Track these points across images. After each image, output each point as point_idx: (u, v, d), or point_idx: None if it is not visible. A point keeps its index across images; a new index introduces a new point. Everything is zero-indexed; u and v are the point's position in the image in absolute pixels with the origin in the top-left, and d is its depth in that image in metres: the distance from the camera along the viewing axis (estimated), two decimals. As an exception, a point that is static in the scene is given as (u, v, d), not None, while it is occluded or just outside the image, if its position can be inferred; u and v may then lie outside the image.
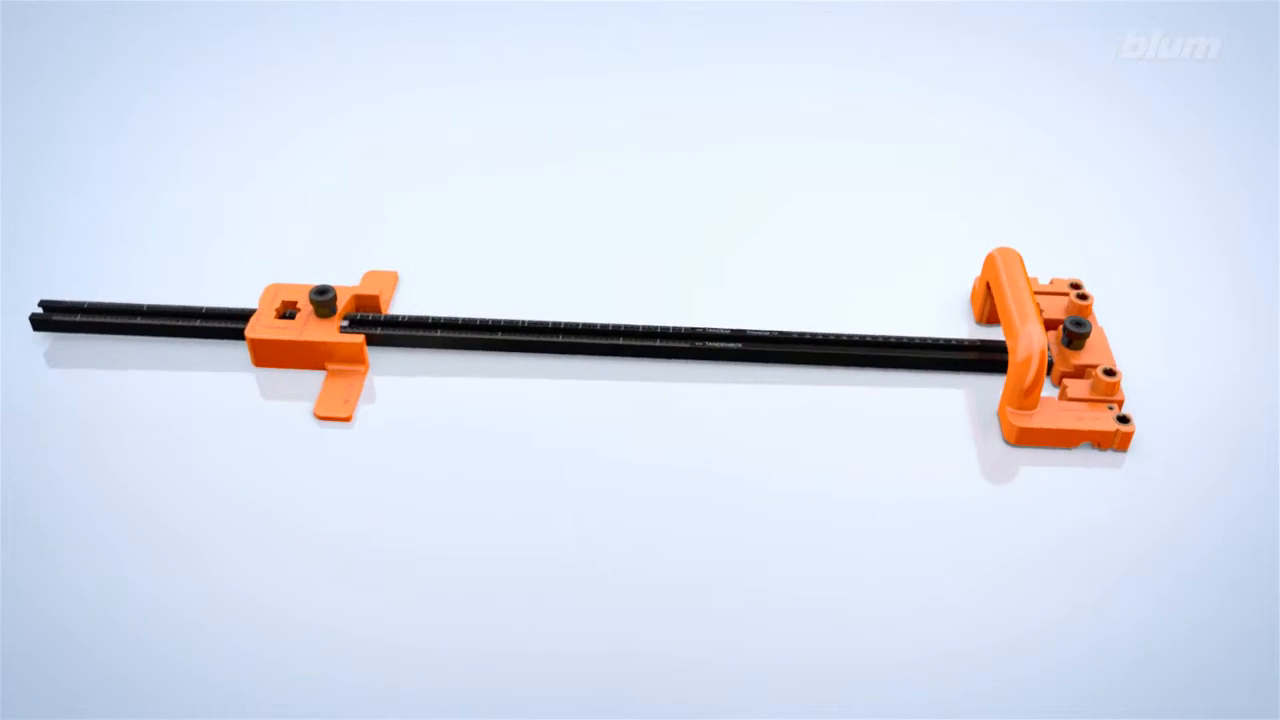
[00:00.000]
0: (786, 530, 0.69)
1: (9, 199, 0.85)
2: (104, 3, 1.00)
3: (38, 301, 0.77)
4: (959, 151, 0.92)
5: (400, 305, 0.79)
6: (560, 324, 0.77)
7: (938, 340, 0.78)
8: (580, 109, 0.94)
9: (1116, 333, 0.78)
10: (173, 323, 0.77)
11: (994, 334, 0.81)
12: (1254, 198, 0.88)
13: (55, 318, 0.77)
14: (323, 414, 0.73)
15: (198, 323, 0.77)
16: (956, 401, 0.76)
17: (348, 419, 0.73)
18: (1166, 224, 0.86)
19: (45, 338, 0.77)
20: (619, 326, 0.78)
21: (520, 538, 0.68)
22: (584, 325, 0.77)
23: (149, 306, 0.77)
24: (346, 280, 0.80)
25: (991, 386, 0.77)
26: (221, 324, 0.77)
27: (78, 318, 0.77)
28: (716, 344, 0.77)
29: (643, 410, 0.74)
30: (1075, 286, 0.81)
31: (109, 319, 0.77)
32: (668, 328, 0.78)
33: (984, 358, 0.77)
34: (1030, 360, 0.72)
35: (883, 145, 0.92)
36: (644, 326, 0.78)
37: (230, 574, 0.66)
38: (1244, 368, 0.78)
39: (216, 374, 0.75)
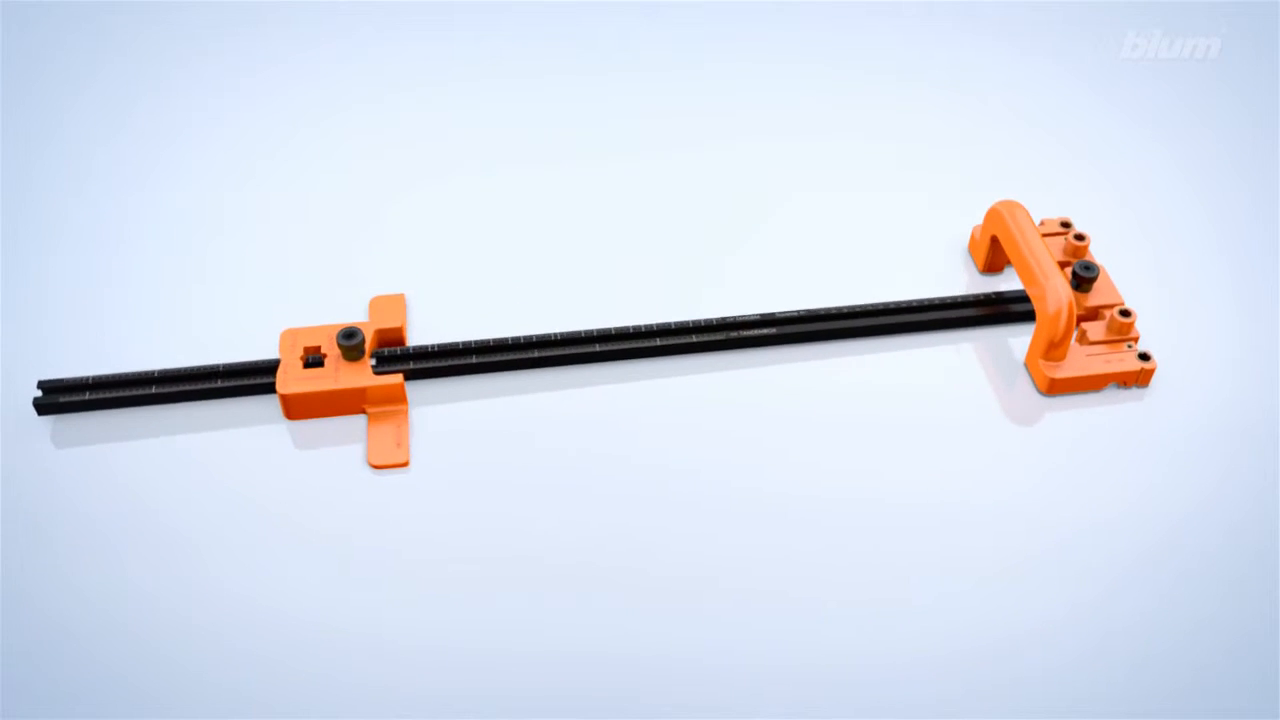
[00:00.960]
0: (843, 516, 0.70)
1: (9, 200, 0.85)
2: (104, 3, 1.00)
3: (36, 383, 0.73)
4: (959, 151, 0.92)
5: (416, 329, 0.78)
6: (593, 333, 0.77)
7: (960, 298, 0.80)
8: (580, 109, 0.94)
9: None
10: (190, 387, 0.73)
11: (996, 284, 0.82)
12: (1254, 198, 0.88)
13: (62, 399, 0.72)
14: (378, 463, 0.71)
15: (218, 383, 0.73)
16: (970, 356, 0.78)
17: (405, 464, 0.71)
18: (1166, 224, 0.86)
19: (49, 419, 0.73)
20: (651, 327, 0.77)
21: (559, 543, 0.68)
22: (617, 330, 0.77)
23: (160, 373, 0.73)
24: (350, 291, 0.80)
25: (997, 337, 0.79)
26: (243, 381, 0.73)
27: (85, 395, 0.72)
28: (750, 332, 0.77)
29: (678, 408, 0.75)
30: (1066, 225, 0.82)
31: (120, 393, 0.72)
32: (700, 321, 0.78)
33: (1002, 310, 0.80)
34: (1060, 313, 0.73)
35: (883, 145, 0.92)
36: (676, 323, 0.77)
37: (291, 598, 0.66)
38: (1244, 366, 0.78)
39: (248, 430, 0.73)
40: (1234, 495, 0.71)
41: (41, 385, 0.73)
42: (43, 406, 0.72)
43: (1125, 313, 0.77)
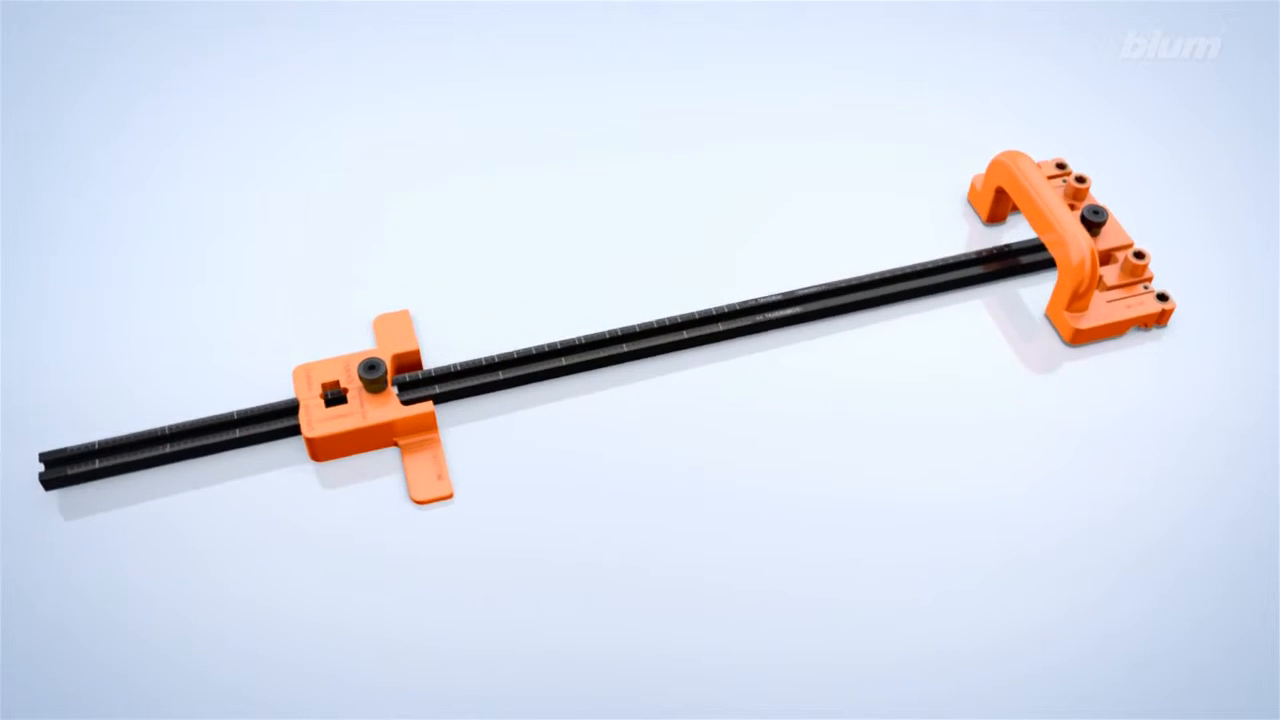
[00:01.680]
0: (886, 506, 0.70)
1: (9, 200, 0.85)
2: (104, 3, 1.00)
3: (38, 455, 0.69)
4: (959, 151, 0.91)
5: (425, 342, 0.77)
6: (618, 332, 0.76)
7: (972, 255, 0.80)
8: (579, 110, 0.94)
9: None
10: (206, 441, 0.69)
11: (999, 234, 0.83)
12: (1254, 198, 0.88)
13: (70, 471, 0.67)
14: (422, 498, 0.69)
15: (236, 433, 0.70)
16: (984, 314, 0.79)
17: (449, 496, 0.69)
18: (1167, 224, 0.86)
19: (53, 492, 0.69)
20: (676, 320, 0.76)
21: (618, 551, 0.68)
22: (641, 327, 0.76)
23: (171, 429, 0.69)
24: (351, 295, 0.79)
25: (1008, 289, 0.80)
26: (262, 428, 0.70)
27: (95, 464, 0.67)
28: (774, 314, 0.77)
29: (707, 401, 0.75)
30: (1062, 167, 0.82)
31: (131, 456, 0.68)
32: (723, 308, 0.77)
33: (1013, 263, 0.80)
34: (1084, 263, 0.73)
35: (883, 145, 0.92)
36: (700, 313, 0.77)
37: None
38: (1244, 367, 0.78)
39: (274, 476, 0.70)
40: (1234, 495, 0.71)
41: (44, 458, 0.68)
42: (50, 481, 0.67)
43: (1139, 254, 0.77)
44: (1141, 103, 0.96)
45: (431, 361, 0.76)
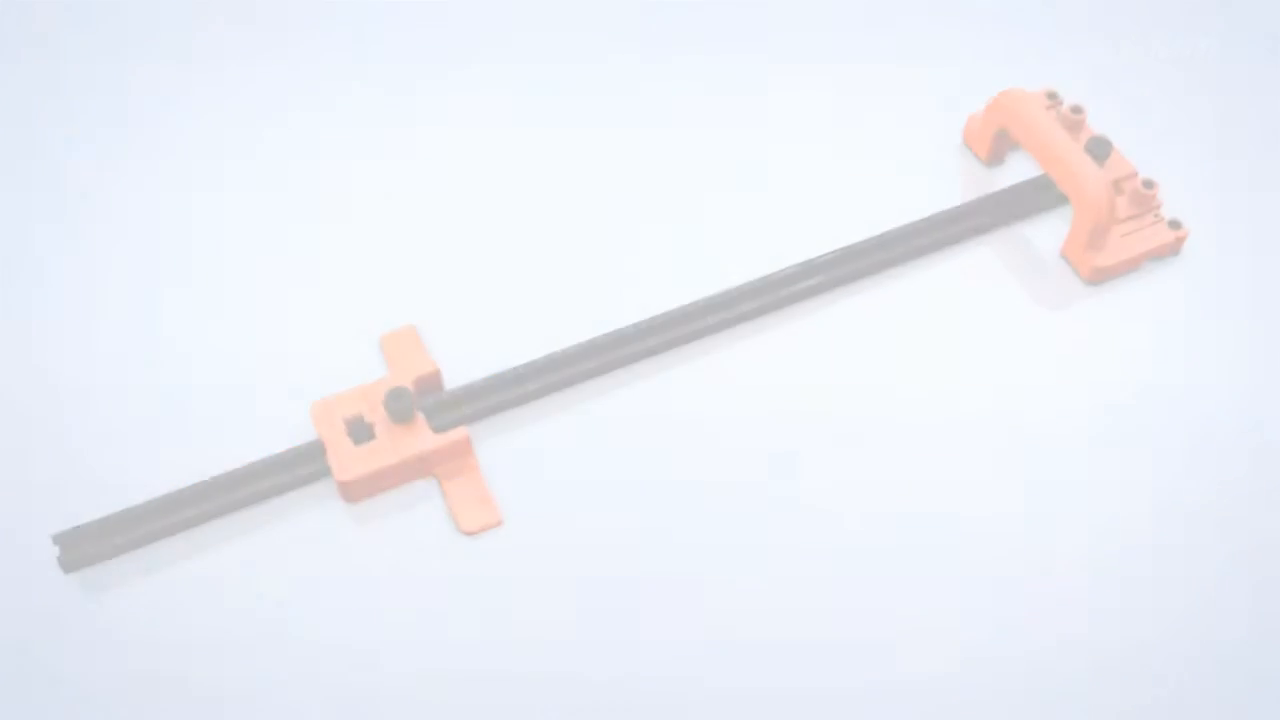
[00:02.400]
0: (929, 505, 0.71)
1: (8, 200, 0.85)
2: (106, 3, 1.00)
3: (51, 537, 0.65)
4: (959, 150, 0.91)
5: (440, 361, 0.75)
6: (641, 326, 0.73)
7: (979, 202, 0.80)
8: (577, 107, 0.93)
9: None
10: (232, 497, 0.66)
11: (997, 175, 0.83)
12: (1254, 198, 0.88)
13: (88, 549, 0.63)
14: (472, 528, 0.66)
15: (263, 484, 0.66)
16: (994, 260, 0.79)
17: (499, 522, 0.67)
18: (1167, 154, 0.86)
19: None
20: (698, 304, 0.74)
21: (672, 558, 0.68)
22: (663, 317, 0.74)
23: (192, 488, 0.66)
24: (352, 316, 0.78)
25: (1014, 232, 0.80)
26: (289, 475, 0.67)
27: (116, 539, 0.64)
28: (797, 285, 0.76)
29: (734, 384, 0.75)
30: (1054, 98, 0.81)
31: (153, 524, 0.65)
32: (745, 286, 0.75)
33: (1018, 203, 0.80)
34: (1101, 200, 0.73)
35: (882, 145, 0.91)
36: (721, 294, 0.75)
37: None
38: (1245, 369, 0.78)
39: (308, 520, 0.67)
40: (1233, 499, 0.71)
41: (59, 540, 0.64)
42: (70, 562, 0.63)
43: (1148, 183, 0.76)
44: (1142, 103, 0.96)
45: (450, 378, 0.74)
